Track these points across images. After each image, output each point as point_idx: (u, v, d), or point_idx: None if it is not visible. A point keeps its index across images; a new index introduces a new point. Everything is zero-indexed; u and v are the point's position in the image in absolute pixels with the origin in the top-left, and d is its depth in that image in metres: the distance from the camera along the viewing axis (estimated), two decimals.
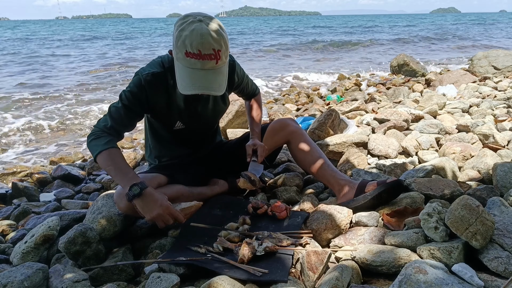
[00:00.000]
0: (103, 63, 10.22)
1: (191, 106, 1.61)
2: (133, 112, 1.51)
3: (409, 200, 1.46)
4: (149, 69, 1.49)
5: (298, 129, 1.79)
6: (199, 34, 1.26)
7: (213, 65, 1.32)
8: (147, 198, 1.37)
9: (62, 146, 3.81)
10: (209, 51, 1.28)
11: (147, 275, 1.27)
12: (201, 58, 1.29)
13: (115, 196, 1.48)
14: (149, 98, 1.50)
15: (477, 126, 2.49)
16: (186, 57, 1.30)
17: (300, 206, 1.61)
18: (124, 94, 1.50)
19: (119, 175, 1.42)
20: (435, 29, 24.67)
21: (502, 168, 1.56)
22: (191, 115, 1.64)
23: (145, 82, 1.47)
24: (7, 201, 2.41)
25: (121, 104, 1.49)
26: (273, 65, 9.37)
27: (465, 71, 5.59)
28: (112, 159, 1.43)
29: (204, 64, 1.30)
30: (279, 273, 1.14)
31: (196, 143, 1.80)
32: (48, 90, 6.59)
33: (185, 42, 1.28)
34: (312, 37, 17.70)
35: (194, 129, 1.71)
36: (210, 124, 1.80)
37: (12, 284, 1.14)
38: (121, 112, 1.49)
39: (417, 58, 7.81)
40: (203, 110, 1.66)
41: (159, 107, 1.56)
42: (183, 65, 1.32)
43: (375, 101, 4.48)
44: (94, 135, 1.48)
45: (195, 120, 1.67)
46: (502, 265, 1.01)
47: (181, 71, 1.34)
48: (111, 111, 1.50)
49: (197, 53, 1.28)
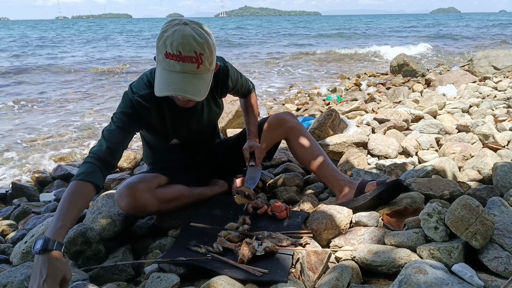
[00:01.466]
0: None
1: (184, 121, 1.57)
2: (127, 132, 1.45)
3: (409, 200, 1.46)
4: (137, 91, 1.44)
5: (296, 125, 1.74)
6: (180, 35, 1.20)
7: (194, 69, 1.24)
8: (38, 263, 1.04)
9: (62, 146, 3.81)
10: (191, 53, 1.21)
11: (147, 275, 1.27)
12: (181, 60, 1.21)
13: (116, 195, 1.48)
14: (141, 117, 1.45)
15: (477, 126, 2.49)
16: (165, 58, 1.23)
17: (300, 206, 1.61)
18: (115, 117, 1.44)
19: (55, 217, 1.16)
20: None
21: (502, 168, 1.56)
22: (186, 131, 1.60)
23: (135, 102, 1.43)
24: (7, 201, 2.41)
25: (114, 126, 1.42)
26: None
27: (465, 71, 5.59)
28: (67, 194, 1.22)
29: (184, 67, 1.23)
30: (279, 273, 1.14)
31: (194, 151, 1.78)
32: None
33: (165, 42, 1.22)
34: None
35: (191, 142, 1.70)
36: (206, 134, 1.77)
37: (12, 284, 1.14)
38: (116, 133, 1.42)
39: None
40: (197, 124, 1.62)
41: (152, 125, 1.52)
42: (162, 67, 1.26)
43: (375, 101, 4.48)
44: (84, 160, 1.37)
45: (191, 135, 1.64)
46: (502, 265, 1.01)
47: (159, 74, 1.27)
48: (104, 134, 1.42)
49: (177, 54, 1.21)
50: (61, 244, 1.08)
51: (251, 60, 10.90)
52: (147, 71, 1.50)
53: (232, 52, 12.94)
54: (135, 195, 1.45)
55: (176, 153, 1.73)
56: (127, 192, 1.44)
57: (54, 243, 1.07)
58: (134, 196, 1.45)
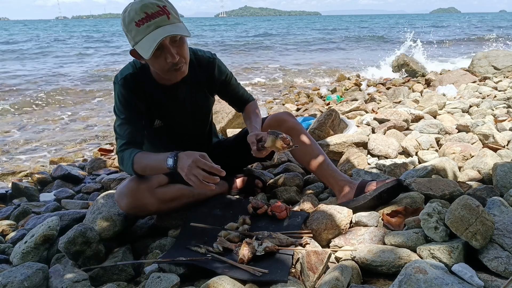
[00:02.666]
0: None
1: (167, 105, 1.59)
2: (135, 118, 1.51)
3: (409, 200, 1.46)
4: (122, 73, 1.50)
5: (295, 125, 1.72)
6: (138, 1, 1.29)
7: (166, 20, 1.30)
8: (180, 161, 1.30)
9: (61, 146, 3.81)
10: (155, 9, 1.28)
11: (147, 275, 1.27)
12: (151, 18, 1.28)
13: (116, 195, 1.48)
14: (132, 96, 1.49)
15: (477, 126, 2.49)
16: (138, 27, 1.28)
17: (300, 206, 1.61)
18: (117, 109, 1.50)
19: (155, 166, 1.39)
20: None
21: (502, 168, 1.56)
22: (169, 115, 1.61)
23: (123, 86, 1.47)
24: (7, 201, 2.41)
25: (120, 120, 1.48)
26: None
27: (465, 71, 5.59)
28: (141, 162, 1.42)
29: (157, 22, 1.28)
30: (279, 273, 1.14)
31: (186, 145, 1.70)
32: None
33: (130, 15, 1.29)
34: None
35: (173, 127, 1.66)
36: (195, 128, 1.74)
37: (12, 284, 1.14)
38: (126, 126, 1.48)
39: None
40: (181, 112, 1.63)
41: (137, 106, 1.53)
42: (142, 36, 1.30)
43: (375, 101, 4.49)
44: (119, 158, 1.49)
45: (174, 116, 1.63)
46: (502, 265, 1.01)
47: (142, 44, 1.31)
48: (117, 131, 1.50)
49: (145, 16, 1.27)
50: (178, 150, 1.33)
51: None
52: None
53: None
54: (135, 195, 1.45)
55: (165, 142, 1.71)
56: (127, 192, 1.45)
57: (174, 153, 1.32)
58: (135, 196, 1.45)
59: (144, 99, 1.53)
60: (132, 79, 1.48)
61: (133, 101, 1.49)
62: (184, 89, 1.58)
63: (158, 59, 1.35)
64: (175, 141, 1.70)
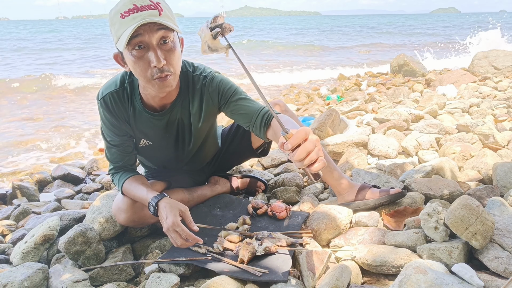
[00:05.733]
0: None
1: (155, 128, 1.42)
2: (120, 141, 1.41)
3: (409, 200, 1.46)
4: (103, 92, 1.35)
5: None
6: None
7: (157, 15, 1.10)
8: (160, 214, 1.28)
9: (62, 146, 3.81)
10: (146, 2, 1.10)
11: (147, 275, 1.27)
12: (139, 10, 1.09)
13: (113, 210, 1.47)
14: (114, 117, 1.37)
15: (477, 126, 2.49)
16: (123, 19, 1.10)
17: (300, 206, 1.61)
18: (102, 130, 1.42)
19: (141, 200, 1.38)
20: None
21: (502, 168, 1.56)
22: (157, 135, 1.45)
23: (103, 108, 1.35)
24: (7, 201, 2.41)
25: (106, 142, 1.43)
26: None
27: (465, 71, 5.58)
28: (129, 193, 1.42)
29: (144, 15, 1.09)
30: (279, 273, 1.14)
31: (177, 165, 1.64)
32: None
33: (117, 7, 1.11)
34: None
35: (161, 148, 1.51)
36: (181, 148, 1.53)
37: (12, 284, 1.14)
38: (113, 150, 1.43)
39: None
40: (169, 132, 1.46)
41: (123, 128, 1.41)
42: (125, 29, 1.10)
43: (375, 101, 4.48)
44: (113, 169, 1.48)
45: (160, 140, 1.48)
46: (502, 265, 1.01)
47: (123, 37, 1.10)
48: (105, 153, 1.46)
49: (132, 7, 1.09)
50: (160, 194, 1.32)
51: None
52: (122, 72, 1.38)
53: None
54: (133, 208, 1.42)
55: (156, 161, 1.64)
56: (125, 207, 1.42)
57: (156, 197, 1.30)
58: (132, 209, 1.42)
59: (127, 121, 1.39)
60: (113, 100, 1.33)
61: (116, 123, 1.37)
62: (176, 115, 1.41)
63: (140, 61, 1.14)
64: (164, 161, 1.62)
